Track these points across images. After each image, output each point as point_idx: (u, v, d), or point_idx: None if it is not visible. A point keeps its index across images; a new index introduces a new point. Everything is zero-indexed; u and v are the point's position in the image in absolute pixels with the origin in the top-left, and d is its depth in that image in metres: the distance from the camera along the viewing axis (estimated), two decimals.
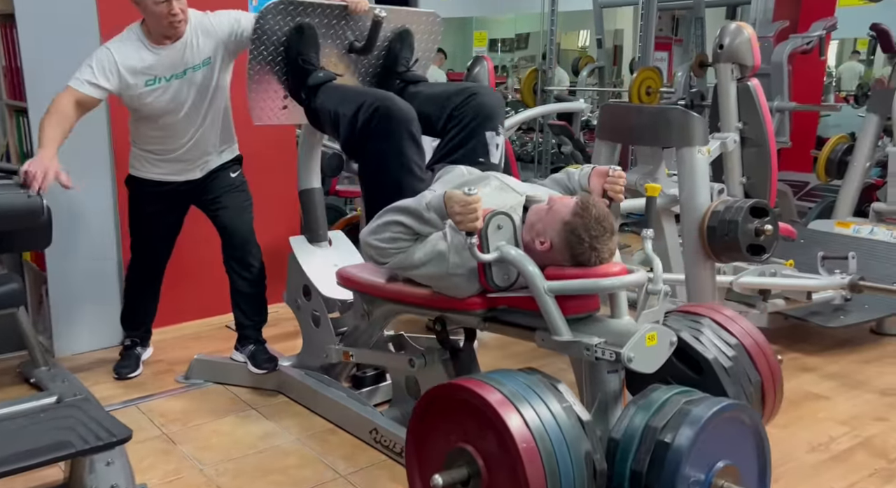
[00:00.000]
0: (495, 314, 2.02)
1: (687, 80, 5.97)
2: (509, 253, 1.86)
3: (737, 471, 1.68)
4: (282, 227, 3.13)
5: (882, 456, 2.39)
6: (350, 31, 2.59)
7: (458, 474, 1.67)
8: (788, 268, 3.13)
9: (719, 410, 1.65)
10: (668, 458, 1.60)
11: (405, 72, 2.63)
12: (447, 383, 1.83)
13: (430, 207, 1.94)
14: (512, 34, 9.89)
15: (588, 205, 1.83)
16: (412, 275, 2.07)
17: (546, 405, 1.64)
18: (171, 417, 2.66)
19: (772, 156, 3.14)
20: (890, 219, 4.19)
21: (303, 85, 2.48)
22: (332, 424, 2.58)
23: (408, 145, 2.24)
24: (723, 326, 2.06)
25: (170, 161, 2.71)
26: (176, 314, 3.44)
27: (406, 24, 2.66)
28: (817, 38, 5.06)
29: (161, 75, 2.54)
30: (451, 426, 1.74)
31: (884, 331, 3.42)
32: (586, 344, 1.77)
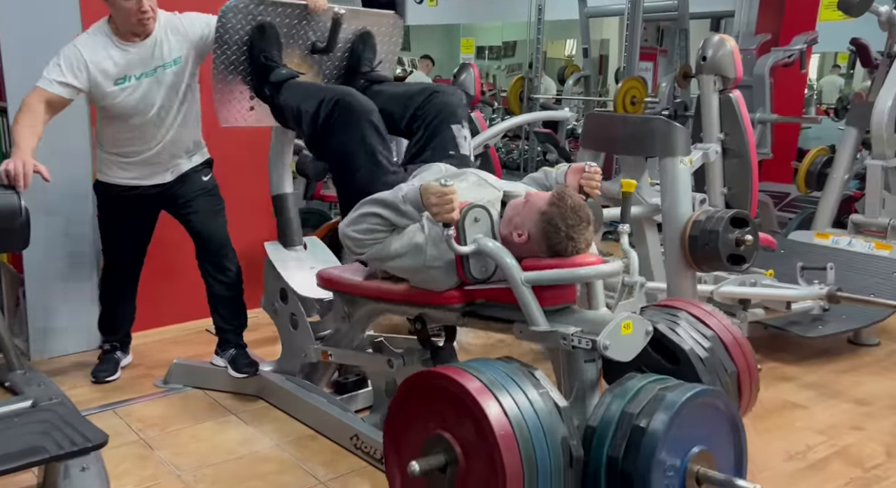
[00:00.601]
0: (474, 308, 2.03)
1: (671, 90, 6.03)
2: (486, 245, 1.87)
3: (712, 457, 1.69)
4: (258, 232, 3.10)
5: (858, 465, 2.41)
6: (311, 31, 2.64)
7: (435, 460, 1.67)
8: (768, 278, 3.16)
9: (694, 395, 1.67)
10: (644, 443, 1.61)
11: (369, 72, 2.68)
12: (426, 371, 1.83)
13: (406, 199, 1.95)
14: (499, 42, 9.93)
15: (564, 196, 1.85)
16: (388, 267, 2.08)
17: (523, 392, 1.65)
18: (149, 422, 2.63)
19: (753, 167, 3.17)
20: (868, 231, 4.25)
21: (266, 81, 2.51)
22: (312, 430, 2.56)
23: (370, 134, 2.27)
24: (699, 319, 2.09)
25: (139, 164, 2.67)
26: (155, 318, 3.40)
27: (366, 25, 2.72)
28: (798, 52, 5.13)
29: (131, 74, 2.52)
30: (430, 413, 1.74)
31: (861, 341, 3.47)
32: (563, 333, 1.78)
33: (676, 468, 1.64)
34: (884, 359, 3.33)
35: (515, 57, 10.33)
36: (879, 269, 3.51)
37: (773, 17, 6.26)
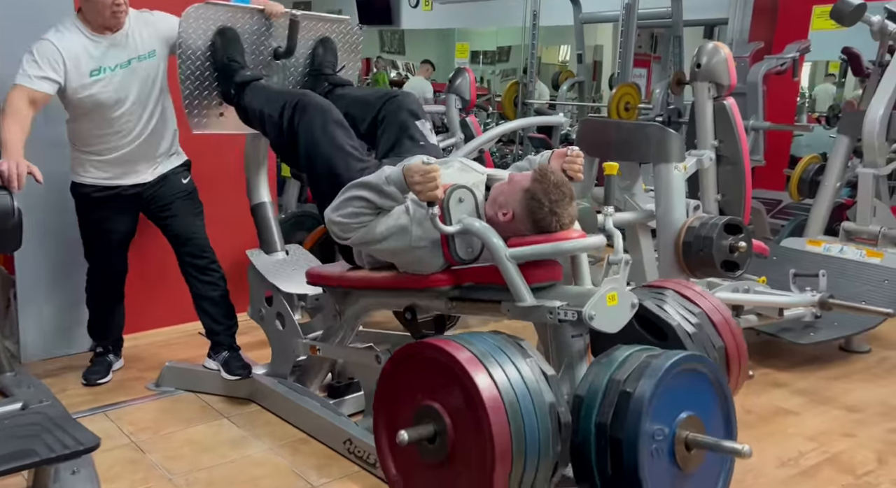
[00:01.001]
0: (462, 292, 2.04)
1: (664, 96, 6.06)
2: (472, 224, 1.89)
3: (700, 422, 1.69)
4: (242, 240, 3.10)
5: (849, 472, 2.42)
6: (273, 39, 2.72)
7: (424, 430, 1.68)
8: (761, 285, 3.17)
9: (679, 360, 1.68)
10: (631, 408, 1.62)
11: (331, 74, 2.76)
12: (415, 342, 1.83)
13: (389, 180, 1.96)
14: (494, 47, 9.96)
15: (546, 172, 1.89)
16: (375, 250, 2.09)
17: (511, 361, 1.66)
18: (141, 425, 2.61)
19: (746, 174, 3.19)
20: (859, 239, 4.27)
21: (231, 82, 2.57)
22: (304, 434, 2.55)
23: (334, 128, 2.32)
24: (686, 297, 2.11)
25: (116, 163, 2.65)
26: (147, 320, 3.38)
27: (325, 32, 2.83)
28: (791, 60, 5.16)
29: (106, 65, 2.52)
30: (419, 384, 1.74)
31: (852, 348, 3.49)
32: (549, 307, 1.80)
33: (665, 434, 1.66)
34: (874, 367, 3.34)
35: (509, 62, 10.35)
36: (870, 277, 3.53)
37: (766, 25, 6.31)
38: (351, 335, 2.54)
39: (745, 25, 6.23)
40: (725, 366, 2.07)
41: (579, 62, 7.09)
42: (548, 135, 6.24)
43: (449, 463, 1.68)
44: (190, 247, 2.76)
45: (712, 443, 1.67)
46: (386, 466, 1.84)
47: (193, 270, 2.78)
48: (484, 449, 1.58)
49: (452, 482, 1.69)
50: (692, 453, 1.67)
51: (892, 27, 4.23)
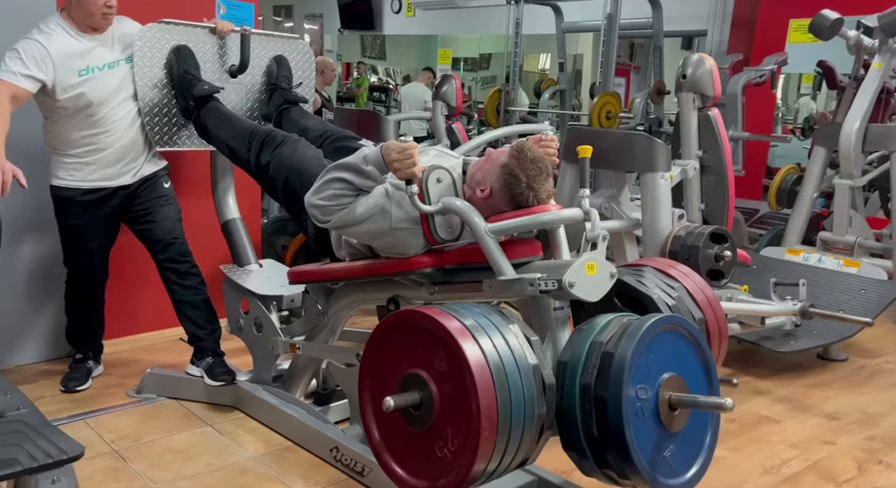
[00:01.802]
0: (443, 276, 2.05)
1: (644, 106, 6.14)
2: (452, 202, 1.90)
3: (682, 381, 1.70)
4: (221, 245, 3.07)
5: (831, 479, 2.46)
6: (227, 57, 2.81)
7: (410, 397, 1.66)
8: (743, 294, 3.21)
9: (658, 321, 1.69)
10: (614, 367, 1.62)
11: (287, 89, 2.86)
12: (399, 311, 1.82)
13: (367, 160, 1.96)
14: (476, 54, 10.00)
15: (523, 148, 1.91)
16: (355, 232, 2.08)
17: (494, 325, 1.66)
18: (122, 433, 2.56)
19: (730, 183, 3.24)
20: (835, 249, 4.35)
21: (189, 97, 2.64)
22: (289, 441, 2.53)
23: (303, 146, 2.38)
24: (664, 272, 2.13)
25: (100, 164, 2.62)
26: (128, 325, 3.33)
27: (278, 50, 2.94)
28: (770, 72, 5.26)
29: (94, 65, 2.53)
30: (405, 352, 1.73)
31: (830, 356, 3.54)
32: (529, 279, 1.80)
33: (648, 393, 1.66)
34: (852, 375, 3.40)
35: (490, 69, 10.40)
36: (848, 286, 3.60)
37: (744, 37, 6.42)
38: (334, 335, 2.53)
39: (724, 37, 6.34)
40: (707, 340, 2.08)
41: (561, 71, 7.14)
42: None
43: (434, 429, 1.67)
44: (170, 252, 2.73)
45: (693, 401, 1.68)
46: (370, 433, 1.82)
47: (174, 275, 2.74)
48: (470, 413, 1.57)
49: (438, 448, 1.67)
50: (676, 413, 1.67)
51: (867, 42, 4.33)
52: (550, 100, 7.13)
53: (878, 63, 4.22)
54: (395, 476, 1.75)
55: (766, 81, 5.29)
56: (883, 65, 4.19)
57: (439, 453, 1.66)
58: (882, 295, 3.53)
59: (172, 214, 2.77)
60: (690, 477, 1.73)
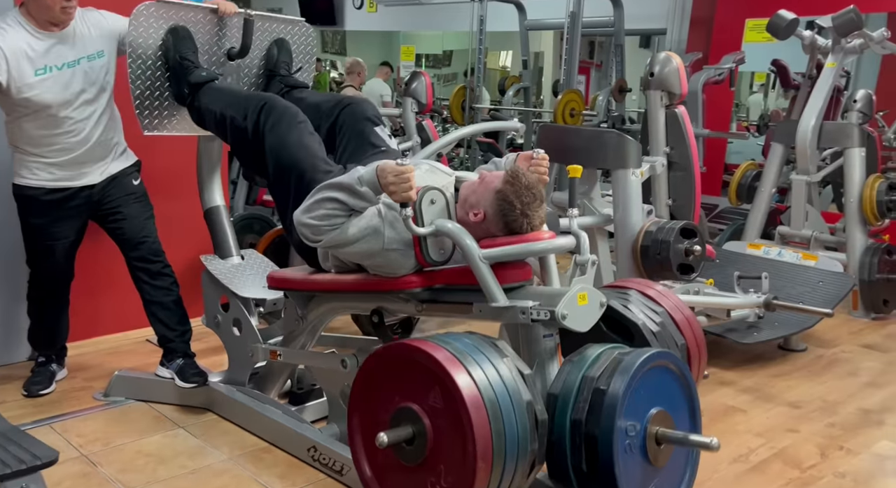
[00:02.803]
0: (432, 294, 2.04)
1: (607, 103, 6.22)
2: (445, 225, 1.89)
3: (669, 416, 1.74)
4: (193, 244, 3.00)
5: (796, 466, 2.54)
6: (226, 39, 2.67)
7: (403, 432, 1.67)
8: (710, 287, 3.29)
9: (649, 358, 1.73)
10: (606, 404, 1.65)
11: (287, 76, 2.72)
12: (392, 343, 1.82)
13: (362, 181, 1.94)
14: (439, 50, 9.99)
15: (518, 174, 1.91)
16: (347, 252, 2.06)
17: (489, 360, 1.67)
18: (91, 437, 2.49)
19: (696, 179, 3.31)
20: (793, 242, 4.50)
21: (185, 83, 2.50)
22: (265, 442, 2.49)
23: (302, 130, 2.29)
24: (649, 297, 2.18)
25: (65, 165, 2.53)
26: (92, 327, 3.24)
27: (279, 33, 2.79)
28: (728, 70, 5.38)
29: (52, 64, 2.41)
30: (396, 386, 1.73)
31: (790, 346, 3.65)
32: (521, 307, 1.81)
33: (637, 429, 1.69)
34: (811, 364, 3.52)
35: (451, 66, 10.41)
36: (807, 279, 3.72)
37: (702, 36, 6.57)
38: (313, 339, 2.50)
39: (683, 36, 6.47)
40: (687, 362, 2.14)
41: (524, 68, 7.19)
42: (495, 140, 6.30)
43: (427, 464, 1.68)
44: (141, 251, 2.66)
45: (681, 438, 1.72)
46: (361, 469, 1.82)
47: (145, 275, 2.67)
48: (466, 449, 1.58)
49: (430, 484, 1.68)
50: (662, 447, 1.72)
51: (821, 42, 4.48)
52: (514, 97, 7.18)
53: (831, 62, 4.37)
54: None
55: (725, 79, 5.43)
56: (836, 64, 4.34)
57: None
58: (839, 286, 3.67)
59: (142, 212, 2.69)
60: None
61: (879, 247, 4.12)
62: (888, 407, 3.02)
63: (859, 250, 4.14)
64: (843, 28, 4.17)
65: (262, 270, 2.74)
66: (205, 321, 2.76)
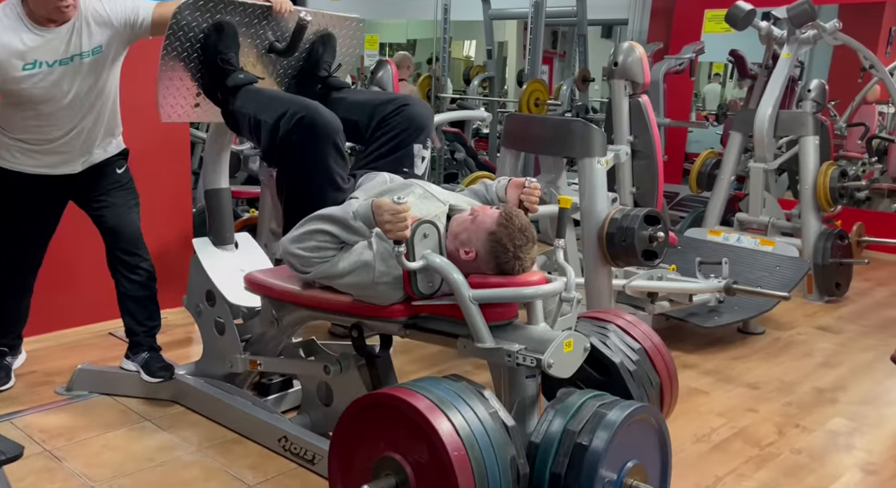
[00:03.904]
0: (416, 321, 2.03)
1: (570, 93, 6.29)
2: (435, 261, 1.88)
3: (644, 470, 1.79)
4: (172, 228, 2.94)
5: (755, 444, 2.62)
6: (271, 31, 2.49)
7: (385, 483, 1.67)
8: (672, 273, 3.36)
9: (631, 413, 1.76)
10: (586, 460, 1.68)
11: (327, 77, 2.57)
12: (373, 393, 1.82)
13: (357, 216, 1.93)
14: (403, 39, 9.93)
15: (512, 216, 1.90)
16: (336, 284, 2.05)
17: (473, 411, 1.68)
18: (54, 432, 2.45)
19: (659, 167, 3.37)
20: (751, 229, 4.62)
21: (221, 85, 2.38)
22: (234, 434, 2.47)
23: (332, 157, 2.19)
24: (626, 331, 2.21)
25: (46, 152, 2.48)
26: (52, 320, 3.17)
27: (328, 27, 2.60)
28: (688, 60, 5.48)
29: (43, 60, 2.34)
30: (378, 435, 1.73)
31: (749, 330, 3.76)
32: (508, 350, 1.82)
33: (613, 482, 1.73)
34: (769, 347, 3.62)
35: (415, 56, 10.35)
36: (765, 264, 3.83)
37: (663, 26, 6.67)
38: (287, 341, 2.47)
39: (644, 26, 6.56)
40: (660, 399, 2.20)
41: (489, 57, 7.20)
42: (461, 129, 6.31)
43: None
44: (121, 241, 2.61)
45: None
46: None
47: (122, 267, 2.63)
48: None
49: None
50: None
51: (776, 32, 4.59)
52: (479, 86, 7.19)
53: (786, 52, 4.48)
54: None
55: (685, 69, 5.52)
56: (791, 54, 4.45)
57: None
58: (795, 271, 3.78)
59: (125, 201, 2.63)
60: None
61: (832, 233, 4.25)
62: (840, 386, 3.14)
63: (814, 236, 4.27)
64: (798, 19, 4.28)
65: (255, 264, 2.62)
66: (186, 303, 2.68)
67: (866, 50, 4.77)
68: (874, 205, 6.01)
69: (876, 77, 5.30)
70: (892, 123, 6.41)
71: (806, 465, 2.47)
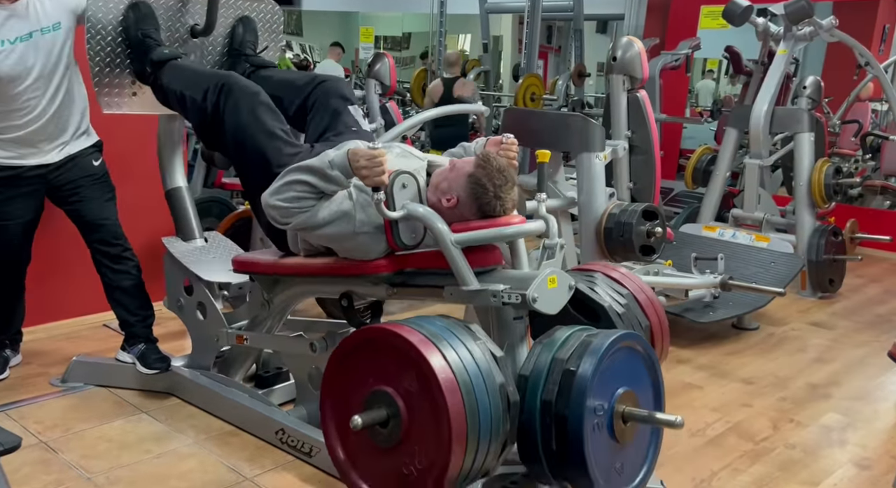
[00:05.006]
0: (403, 278, 2.04)
1: (566, 88, 6.29)
2: (417, 209, 1.90)
3: (635, 396, 1.79)
4: (154, 226, 2.93)
5: (749, 438, 2.64)
6: (189, 15, 2.62)
7: (377, 414, 1.68)
8: (668, 268, 3.37)
9: (617, 339, 1.77)
10: (575, 385, 1.68)
11: (252, 55, 2.68)
12: (366, 328, 1.82)
13: (333, 165, 1.93)
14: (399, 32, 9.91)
15: (490, 158, 1.92)
16: (316, 236, 2.05)
17: (462, 343, 1.69)
18: (49, 423, 2.44)
19: (656, 163, 3.38)
20: (745, 225, 4.63)
21: (147, 60, 2.45)
22: (231, 426, 2.47)
23: (263, 111, 2.25)
24: (614, 279, 2.22)
25: (18, 142, 2.45)
26: (47, 312, 3.15)
27: (245, 11, 2.75)
28: (685, 56, 5.49)
29: (4, 38, 2.34)
30: (370, 369, 1.74)
31: (743, 325, 3.78)
32: (493, 290, 1.83)
33: (604, 409, 1.74)
34: (762, 342, 3.64)
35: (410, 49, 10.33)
36: (760, 260, 3.84)
37: (659, 22, 6.67)
38: (279, 323, 2.48)
39: (640, 22, 6.56)
40: (651, 343, 2.19)
41: (485, 51, 7.19)
42: None
43: (401, 446, 1.69)
44: (101, 233, 2.59)
45: (647, 416, 1.77)
46: (334, 452, 1.83)
47: (105, 259, 2.61)
48: (440, 431, 1.60)
49: (405, 464, 1.70)
50: (628, 426, 1.76)
51: (773, 29, 4.60)
52: (475, 80, 7.18)
53: (782, 49, 4.49)
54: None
55: (682, 65, 5.53)
56: (787, 51, 4.46)
57: (406, 470, 1.69)
58: (790, 267, 3.80)
59: (102, 193, 2.62)
60: (635, 486, 1.83)
61: (826, 229, 4.27)
62: (834, 382, 3.16)
63: (808, 232, 4.29)
64: (795, 16, 4.29)
65: (227, 253, 2.69)
66: (167, 304, 2.71)
67: (862, 47, 4.79)
68: (867, 202, 6.04)
69: (871, 74, 5.32)
70: (886, 120, 6.44)
71: (800, 460, 2.49)
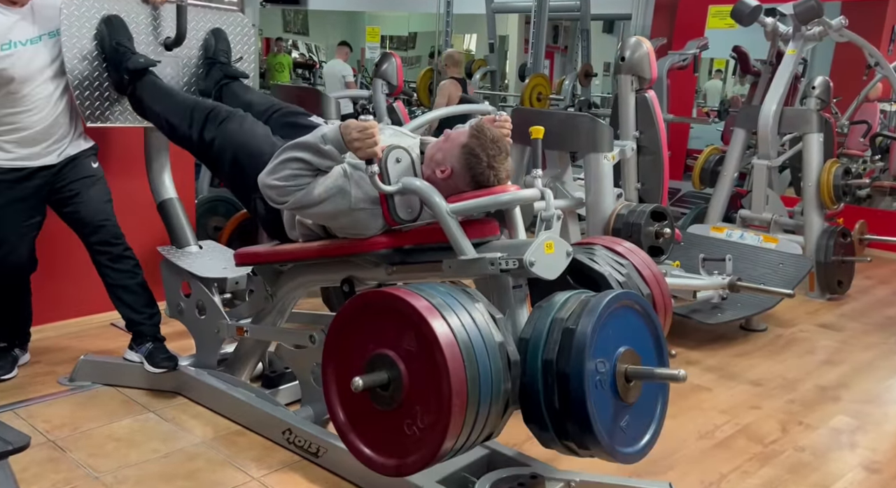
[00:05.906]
0: (402, 257, 2.05)
1: (572, 88, 6.27)
2: (412, 182, 1.90)
3: (636, 354, 1.78)
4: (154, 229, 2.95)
5: (758, 441, 2.63)
6: (162, 29, 2.68)
7: (378, 377, 1.67)
8: (676, 269, 3.36)
9: (616, 297, 1.76)
10: (575, 342, 1.67)
11: (226, 64, 2.74)
12: (365, 292, 1.82)
13: (326, 140, 1.93)
14: (405, 32, 9.91)
15: (483, 128, 1.93)
16: (313, 213, 2.05)
17: (462, 305, 1.69)
18: (57, 422, 2.44)
19: (664, 163, 3.36)
20: (753, 226, 4.61)
21: (123, 70, 2.50)
22: (238, 425, 2.47)
23: (254, 123, 2.30)
24: (613, 250, 2.22)
25: (22, 143, 2.46)
26: (56, 310, 3.15)
27: (216, 23, 2.83)
28: (692, 56, 5.47)
29: (17, 39, 2.37)
30: (371, 333, 1.73)
31: (751, 327, 3.76)
32: (490, 258, 1.84)
33: (607, 367, 1.73)
34: (771, 344, 3.63)
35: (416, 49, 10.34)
36: (768, 261, 3.83)
37: (666, 22, 6.65)
38: (283, 318, 2.48)
39: (648, 22, 6.54)
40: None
41: (491, 51, 7.18)
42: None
43: (402, 407, 1.68)
44: (102, 234, 2.60)
45: (649, 373, 1.75)
46: (335, 415, 1.81)
47: (106, 259, 2.61)
48: (441, 390, 1.59)
49: (406, 426, 1.69)
50: (632, 384, 1.74)
51: (782, 29, 4.58)
52: (481, 80, 7.18)
53: (791, 49, 4.47)
54: (363, 455, 1.75)
55: (689, 65, 5.51)
56: (796, 51, 4.44)
57: (408, 431, 1.67)
58: (798, 268, 3.78)
59: (101, 195, 2.63)
60: (644, 445, 1.82)
61: (835, 231, 4.25)
62: (843, 384, 3.14)
63: (816, 233, 4.27)
64: (804, 15, 4.27)
65: (222, 255, 2.74)
66: (168, 313, 2.73)
67: (872, 47, 4.77)
68: (875, 203, 6.02)
69: (880, 74, 5.30)
70: (895, 121, 6.41)
71: (809, 463, 2.47)
